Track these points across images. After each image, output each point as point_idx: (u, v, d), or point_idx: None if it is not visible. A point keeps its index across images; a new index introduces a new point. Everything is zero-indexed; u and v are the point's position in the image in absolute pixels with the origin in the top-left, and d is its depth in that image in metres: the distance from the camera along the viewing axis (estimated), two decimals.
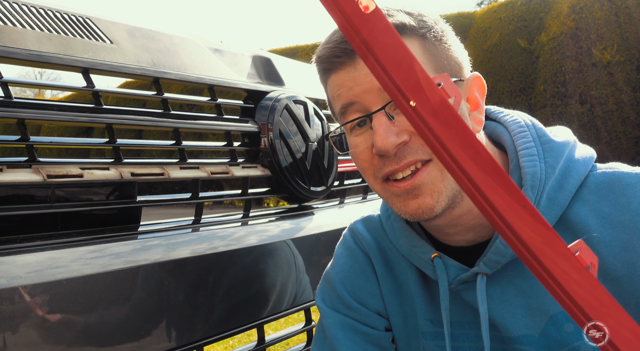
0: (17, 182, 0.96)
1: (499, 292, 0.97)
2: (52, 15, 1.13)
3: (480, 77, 1.00)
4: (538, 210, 0.90)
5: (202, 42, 1.51)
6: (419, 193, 0.91)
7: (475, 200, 0.50)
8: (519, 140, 0.99)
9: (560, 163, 0.95)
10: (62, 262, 0.95)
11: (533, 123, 1.02)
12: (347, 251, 1.16)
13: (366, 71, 0.90)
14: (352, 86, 0.92)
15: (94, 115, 1.11)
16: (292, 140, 1.55)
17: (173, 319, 1.11)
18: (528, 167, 0.94)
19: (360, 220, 1.18)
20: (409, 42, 0.91)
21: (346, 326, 1.09)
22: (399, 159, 0.91)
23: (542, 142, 0.98)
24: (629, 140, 8.31)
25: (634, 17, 8.36)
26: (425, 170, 0.91)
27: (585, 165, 0.96)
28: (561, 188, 0.93)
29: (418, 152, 0.90)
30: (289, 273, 1.41)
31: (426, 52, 0.92)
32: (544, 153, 0.96)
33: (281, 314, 1.39)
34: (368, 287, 1.12)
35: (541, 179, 0.93)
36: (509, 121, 1.04)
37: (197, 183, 1.30)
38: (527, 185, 0.93)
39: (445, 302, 1.00)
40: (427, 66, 0.91)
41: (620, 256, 0.87)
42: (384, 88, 0.51)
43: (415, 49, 0.91)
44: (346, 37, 0.51)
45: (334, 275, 1.15)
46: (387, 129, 0.89)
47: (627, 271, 0.86)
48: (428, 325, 1.05)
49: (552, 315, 0.92)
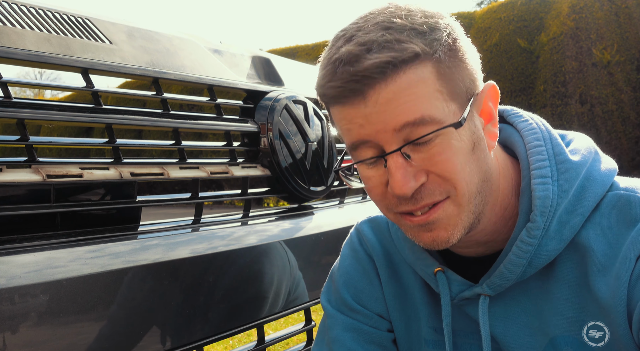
0: (17, 181, 0.96)
1: (502, 310, 0.95)
2: (52, 16, 1.13)
3: (494, 86, 0.92)
4: (547, 235, 0.87)
5: (201, 43, 1.51)
6: (433, 228, 0.87)
7: None
8: (533, 157, 0.93)
9: (575, 185, 0.89)
10: (62, 261, 0.95)
11: (550, 136, 0.95)
12: (352, 252, 1.14)
13: (378, 108, 0.81)
14: (363, 124, 0.84)
15: (94, 115, 1.11)
16: (291, 140, 1.55)
17: (173, 319, 1.11)
18: (539, 191, 0.89)
19: (367, 221, 1.15)
20: (422, 69, 0.82)
21: (349, 327, 1.09)
22: (415, 201, 0.85)
23: (558, 161, 0.92)
24: (629, 140, 8.31)
25: (634, 17, 8.37)
26: (442, 206, 0.86)
27: (603, 185, 0.90)
28: (574, 212, 0.89)
29: (435, 194, 0.85)
30: (288, 273, 1.41)
31: (441, 78, 0.83)
32: (559, 174, 0.90)
33: (281, 314, 1.39)
34: (371, 290, 1.10)
35: (552, 204, 0.88)
36: (525, 130, 0.97)
37: (197, 183, 1.30)
38: (537, 210, 0.88)
39: (447, 318, 0.98)
40: (443, 93, 0.83)
41: (611, 285, 0.85)
42: None
43: (428, 75, 0.82)
44: None
45: (338, 276, 1.14)
46: (404, 173, 0.83)
47: (613, 301, 0.84)
48: (431, 332, 1.04)
49: (552, 338, 0.91)
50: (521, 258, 0.89)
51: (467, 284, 0.97)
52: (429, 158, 0.83)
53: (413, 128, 0.82)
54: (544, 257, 0.89)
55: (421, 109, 0.81)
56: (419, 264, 1.02)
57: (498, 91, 0.92)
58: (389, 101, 0.81)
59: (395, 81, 0.81)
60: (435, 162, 0.83)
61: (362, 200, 1.95)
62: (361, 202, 1.93)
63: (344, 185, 1.83)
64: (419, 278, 1.06)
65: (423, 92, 0.81)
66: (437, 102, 0.82)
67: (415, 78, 0.81)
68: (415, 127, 0.81)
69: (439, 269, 0.98)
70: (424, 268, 1.00)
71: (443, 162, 0.83)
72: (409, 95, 0.81)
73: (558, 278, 0.90)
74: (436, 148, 0.83)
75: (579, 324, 0.89)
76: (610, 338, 0.86)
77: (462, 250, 0.99)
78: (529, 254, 0.88)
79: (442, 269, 0.98)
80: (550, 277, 0.91)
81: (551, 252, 0.89)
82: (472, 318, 0.99)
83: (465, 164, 0.84)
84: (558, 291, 0.90)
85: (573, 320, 0.89)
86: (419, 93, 0.81)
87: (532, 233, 0.88)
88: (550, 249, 0.88)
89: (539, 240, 0.88)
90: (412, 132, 0.82)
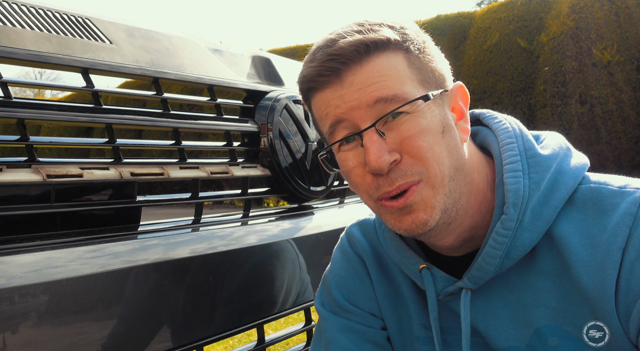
0: (17, 181, 0.96)
1: (485, 303, 0.97)
2: (52, 16, 1.13)
3: (463, 86, 0.99)
4: (522, 226, 0.91)
5: (201, 42, 1.51)
6: (411, 210, 0.91)
7: None
8: (505, 153, 0.97)
9: (546, 178, 0.93)
10: (62, 261, 0.95)
11: (522, 134, 1.00)
12: (343, 255, 1.17)
13: (353, 88, 0.89)
14: (339, 104, 0.91)
15: (94, 115, 1.11)
16: (291, 140, 1.55)
17: (173, 319, 1.11)
18: (510, 184, 0.93)
19: (356, 224, 1.19)
20: (394, 57, 0.90)
21: (343, 328, 1.10)
22: (391, 181, 0.90)
23: (528, 156, 0.96)
24: (629, 140, 8.31)
25: (634, 17, 8.37)
26: (416, 189, 0.90)
27: (574, 178, 0.94)
28: (547, 203, 0.92)
29: (408, 174, 0.89)
30: (288, 273, 1.41)
31: (411, 65, 0.91)
32: (529, 168, 0.94)
33: (281, 314, 1.39)
34: (363, 291, 1.13)
35: (524, 196, 0.92)
36: (499, 129, 1.02)
37: (197, 183, 1.30)
38: (509, 202, 0.92)
39: (434, 313, 1.00)
40: (413, 80, 0.90)
41: (594, 276, 0.86)
42: None
43: (400, 62, 0.90)
44: None
45: (330, 279, 1.16)
46: (379, 147, 0.88)
47: (598, 293, 0.86)
48: (422, 329, 1.06)
49: (536, 328, 0.92)
50: (497, 249, 0.92)
51: (451, 280, 0.99)
52: (401, 135, 0.89)
53: (386, 104, 0.88)
54: (520, 248, 0.92)
55: (393, 88, 0.89)
56: (404, 262, 1.04)
57: (467, 91, 0.99)
58: (363, 80, 0.89)
59: (369, 63, 0.89)
60: (406, 138, 0.89)
61: (361, 200, 1.95)
62: (361, 202, 1.93)
63: (344, 185, 1.83)
64: (407, 276, 1.08)
65: (395, 75, 0.89)
66: (408, 85, 0.90)
67: (387, 62, 0.90)
68: (388, 104, 0.88)
69: (423, 266, 1.01)
70: (410, 266, 1.03)
71: (413, 138, 0.89)
72: (381, 75, 0.89)
73: (538, 270, 0.93)
74: (406, 125, 0.89)
75: (562, 313, 0.91)
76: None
77: (446, 250, 1.02)
78: (504, 246, 0.91)
79: (427, 266, 1.01)
80: (530, 269, 0.94)
81: (527, 243, 0.92)
82: (458, 314, 1.01)
83: (434, 144, 0.89)
84: (539, 282, 0.92)
85: (557, 310, 0.91)
86: (392, 75, 0.89)
87: (505, 225, 0.92)
88: (526, 240, 0.92)
89: (514, 231, 0.91)
90: (385, 109, 0.89)
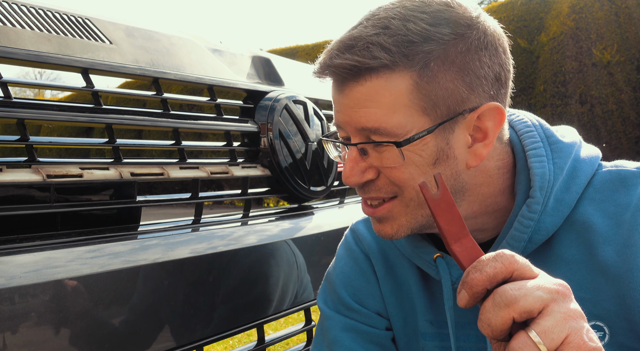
0: (17, 182, 0.96)
1: None
2: (52, 16, 1.13)
3: (499, 107, 0.88)
4: (545, 211, 0.91)
5: (201, 43, 1.51)
6: (380, 221, 0.95)
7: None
8: (527, 140, 0.98)
9: (567, 164, 0.95)
10: (62, 261, 0.95)
11: (540, 123, 1.01)
12: (348, 252, 1.16)
13: (348, 103, 0.88)
14: (339, 110, 0.92)
15: (94, 115, 1.11)
16: (291, 140, 1.55)
17: (173, 319, 1.11)
18: (537, 168, 0.94)
19: (361, 220, 1.18)
20: (394, 80, 0.84)
21: (347, 327, 1.09)
22: (364, 191, 0.93)
23: (550, 142, 0.98)
24: (629, 140, 8.31)
25: (634, 17, 8.37)
26: (388, 206, 0.93)
27: (591, 165, 0.96)
28: (568, 189, 0.93)
29: (381, 191, 0.92)
30: (289, 273, 1.41)
31: (416, 90, 0.84)
32: (552, 153, 0.96)
33: (281, 314, 1.39)
34: (368, 288, 1.12)
35: (549, 180, 0.93)
36: (515, 120, 1.03)
37: (197, 183, 1.30)
38: (536, 186, 0.92)
39: (449, 302, 0.99)
40: (410, 108, 0.85)
41: (622, 253, 0.88)
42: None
43: (399, 88, 0.84)
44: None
45: (334, 276, 1.15)
46: (353, 166, 0.91)
47: (627, 267, 0.87)
48: (427, 326, 1.05)
49: None
50: (523, 233, 0.92)
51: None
52: (381, 162, 0.89)
53: (371, 133, 0.88)
54: (543, 232, 0.92)
55: (379, 120, 0.86)
56: (417, 253, 1.04)
57: (503, 112, 0.89)
58: (356, 100, 0.87)
59: (364, 84, 0.86)
60: (385, 167, 0.89)
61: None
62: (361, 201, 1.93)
63: (344, 185, 1.83)
64: (415, 272, 1.07)
65: (386, 103, 0.85)
66: (400, 115, 0.85)
67: (382, 87, 0.85)
68: (373, 134, 0.88)
69: (438, 255, 1.01)
70: (423, 256, 1.03)
71: (392, 170, 0.89)
72: (372, 102, 0.86)
73: (556, 257, 0.93)
74: (389, 155, 0.88)
75: (579, 301, 0.89)
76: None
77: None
78: (530, 229, 0.92)
79: (441, 255, 1.00)
80: (548, 256, 0.94)
81: (550, 228, 0.92)
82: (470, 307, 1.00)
83: (417, 175, 0.88)
84: (557, 270, 0.92)
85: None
86: (382, 103, 0.85)
87: (532, 208, 0.92)
88: (549, 225, 0.92)
89: (539, 215, 0.92)
90: (371, 136, 0.88)
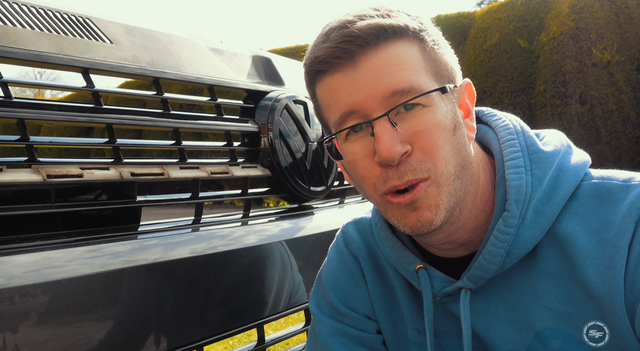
0: (17, 182, 0.96)
1: (484, 305, 0.95)
2: (52, 15, 1.13)
3: (470, 83, 0.97)
4: (524, 224, 0.89)
5: (201, 42, 1.51)
6: (417, 207, 0.89)
7: None
8: (507, 149, 0.95)
9: (548, 175, 0.91)
10: (62, 261, 0.95)
11: (523, 130, 0.98)
12: (338, 254, 1.15)
13: (368, 75, 0.85)
14: (352, 92, 0.86)
15: (94, 115, 1.11)
16: (292, 140, 1.55)
17: (173, 319, 1.11)
18: (513, 180, 0.91)
19: (352, 222, 1.16)
20: (410, 45, 0.87)
21: (338, 332, 1.08)
22: (400, 174, 0.86)
23: (530, 152, 0.94)
24: (629, 140, 8.30)
25: (634, 17, 8.36)
26: (423, 185, 0.87)
27: (576, 175, 0.92)
28: (549, 201, 0.90)
29: (417, 171, 0.86)
30: (288, 273, 1.41)
31: (425, 56, 0.89)
32: (532, 164, 0.93)
33: (281, 314, 1.39)
34: (357, 292, 1.10)
35: (527, 192, 0.90)
36: (499, 126, 1.00)
37: (197, 183, 1.30)
38: (512, 199, 0.90)
39: (429, 315, 0.98)
40: (427, 72, 0.88)
41: (603, 273, 0.85)
42: None
43: (415, 52, 0.87)
44: None
45: (325, 279, 1.14)
46: (392, 137, 0.84)
47: (608, 290, 0.84)
48: (415, 334, 1.04)
49: (538, 331, 0.90)
50: (499, 247, 0.89)
51: (449, 280, 0.97)
52: (415, 127, 0.86)
53: (401, 97, 0.85)
54: (522, 246, 0.90)
55: (410, 80, 0.85)
56: (400, 262, 1.02)
57: (474, 89, 0.97)
58: (379, 68, 0.85)
59: (385, 49, 0.85)
60: (420, 131, 0.86)
61: (362, 200, 1.95)
62: (361, 202, 1.93)
63: (344, 185, 1.83)
64: (402, 279, 1.06)
65: (411, 65, 0.86)
66: (423, 76, 0.87)
67: (403, 51, 0.86)
68: (404, 96, 0.85)
69: (420, 266, 0.98)
70: (406, 266, 1.01)
71: (426, 132, 0.86)
72: (397, 64, 0.85)
73: (540, 271, 0.91)
74: (421, 118, 0.86)
75: (565, 316, 0.89)
76: (610, 338, 0.86)
77: (443, 251, 1.00)
78: (506, 244, 0.89)
79: (424, 266, 0.98)
80: (531, 270, 0.92)
81: (529, 241, 0.90)
82: (455, 317, 0.99)
83: (445, 141, 0.87)
84: (541, 283, 0.90)
85: (559, 312, 0.89)
86: (408, 65, 0.86)
87: (508, 222, 0.89)
88: (528, 238, 0.89)
89: (516, 229, 0.89)
90: (399, 100, 0.85)
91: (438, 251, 1.00)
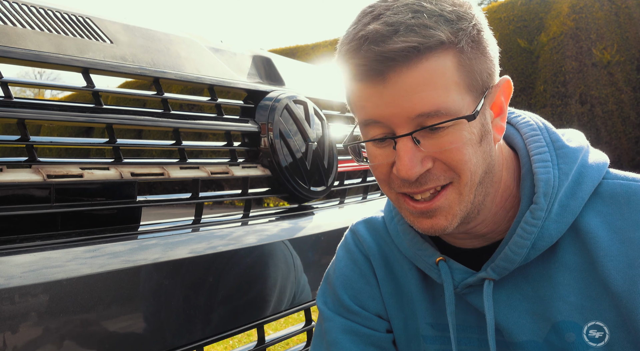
0: (17, 182, 0.96)
1: (505, 297, 0.96)
2: (52, 15, 1.13)
3: (509, 81, 0.93)
4: (549, 217, 0.90)
5: (202, 42, 1.51)
6: (433, 215, 0.89)
7: None
8: (532, 144, 0.96)
9: (573, 170, 0.93)
10: (62, 261, 0.95)
11: (546, 127, 0.99)
12: (348, 253, 1.15)
13: (396, 92, 0.82)
14: (379, 104, 0.85)
15: (94, 115, 1.11)
16: (292, 140, 1.55)
17: (173, 319, 1.11)
18: (541, 173, 0.92)
19: (362, 221, 1.16)
20: (444, 58, 0.82)
21: (347, 329, 1.08)
22: (419, 184, 0.87)
23: (556, 147, 0.95)
24: (629, 140, 8.31)
25: (634, 17, 8.36)
26: (444, 193, 0.88)
27: (598, 171, 0.94)
28: (573, 195, 0.91)
29: (440, 178, 0.87)
30: (288, 273, 1.41)
31: (460, 69, 0.84)
32: (558, 159, 0.94)
33: (281, 314, 1.39)
34: (368, 290, 1.11)
35: (554, 186, 0.91)
36: (520, 123, 1.01)
37: (197, 183, 1.30)
38: (540, 192, 0.91)
39: (451, 306, 0.98)
40: (459, 85, 0.84)
41: (624, 272, 0.86)
42: None
43: (449, 65, 0.83)
44: None
45: (334, 278, 1.14)
46: (412, 158, 0.84)
47: (628, 287, 0.85)
48: (428, 329, 1.04)
49: (554, 323, 0.91)
50: (526, 239, 0.90)
51: (469, 272, 0.98)
52: (439, 146, 0.85)
53: (427, 119, 0.83)
54: (547, 239, 0.91)
55: (437, 102, 0.82)
56: (419, 255, 1.02)
57: (512, 86, 0.94)
58: (408, 87, 0.82)
59: (417, 67, 0.82)
60: (445, 151, 0.85)
61: (362, 200, 1.95)
62: (361, 202, 1.93)
63: (344, 186, 1.83)
64: (416, 274, 1.06)
65: (442, 83, 0.83)
66: (454, 94, 0.84)
67: (436, 67, 0.82)
68: (430, 119, 0.83)
69: (441, 258, 0.99)
70: (425, 259, 1.01)
71: (452, 152, 0.85)
72: (427, 84, 0.82)
73: (560, 263, 0.92)
74: (447, 138, 0.84)
75: (580, 309, 0.90)
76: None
77: (460, 241, 1.01)
78: (533, 235, 0.90)
79: (444, 258, 0.99)
80: (551, 262, 0.93)
81: (553, 234, 0.91)
82: (472, 310, 1.00)
83: (472, 155, 0.86)
84: (559, 276, 0.92)
85: (575, 305, 0.90)
86: (438, 84, 0.82)
87: (536, 214, 0.91)
88: (553, 231, 0.91)
89: (542, 221, 0.90)
90: (426, 121, 0.83)
91: (455, 241, 1.02)
